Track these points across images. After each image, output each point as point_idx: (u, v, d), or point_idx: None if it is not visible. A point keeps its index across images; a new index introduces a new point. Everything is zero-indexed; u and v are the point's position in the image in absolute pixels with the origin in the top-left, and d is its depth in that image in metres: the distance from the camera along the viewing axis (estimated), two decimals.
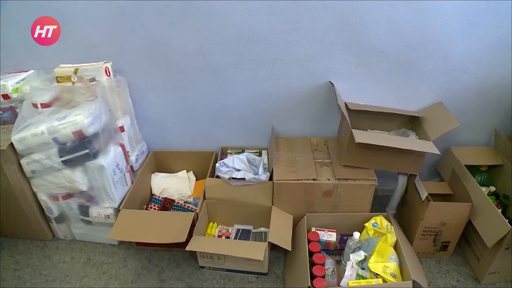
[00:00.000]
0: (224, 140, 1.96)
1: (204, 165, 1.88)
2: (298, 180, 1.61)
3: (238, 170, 1.70)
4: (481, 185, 1.71)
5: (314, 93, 1.77)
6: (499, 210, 1.56)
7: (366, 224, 1.65)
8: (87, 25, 1.62)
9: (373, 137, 1.60)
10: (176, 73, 1.74)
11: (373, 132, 1.79)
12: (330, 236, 1.65)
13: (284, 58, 1.67)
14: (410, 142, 1.63)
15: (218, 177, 1.68)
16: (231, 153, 1.87)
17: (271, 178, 1.65)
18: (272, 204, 1.69)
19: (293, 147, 1.82)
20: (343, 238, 1.69)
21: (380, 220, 1.64)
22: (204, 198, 1.73)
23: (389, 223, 1.63)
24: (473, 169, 1.79)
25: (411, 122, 1.81)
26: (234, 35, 1.61)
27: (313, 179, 1.61)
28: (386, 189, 1.89)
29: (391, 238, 1.57)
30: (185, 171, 2.05)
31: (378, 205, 1.90)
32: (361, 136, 1.48)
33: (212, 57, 1.68)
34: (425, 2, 1.50)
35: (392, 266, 1.48)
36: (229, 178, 1.63)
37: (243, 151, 1.88)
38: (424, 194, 1.59)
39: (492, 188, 1.80)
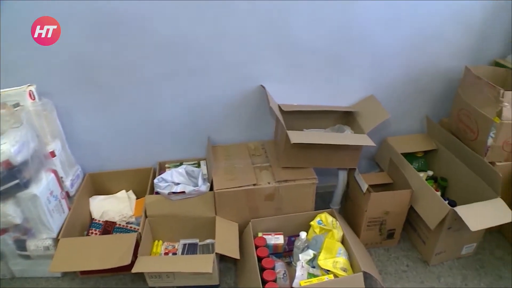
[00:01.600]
0: (161, 154, 1.90)
1: (143, 183, 1.82)
2: (239, 187, 1.60)
3: (178, 183, 1.67)
4: (419, 171, 1.78)
5: (247, 98, 1.77)
6: (439, 193, 1.63)
7: (312, 223, 1.66)
8: (4, 47, 1.52)
9: (308, 136, 1.62)
10: (105, 91, 1.67)
11: (308, 131, 1.81)
12: (277, 239, 1.65)
13: (214, 65, 1.65)
14: (345, 137, 1.66)
15: (158, 193, 1.64)
16: (169, 167, 1.82)
17: (211, 188, 1.63)
18: (216, 214, 1.66)
19: (231, 155, 1.80)
20: (291, 239, 1.69)
21: (325, 217, 1.65)
22: (146, 216, 1.68)
23: (334, 219, 1.65)
24: (410, 157, 1.86)
25: (346, 118, 1.84)
26: (159, 46, 1.57)
27: (254, 184, 1.61)
28: (328, 185, 1.91)
29: (337, 233, 1.59)
30: (124, 191, 1.97)
31: (322, 202, 1.91)
32: (296, 137, 1.49)
33: (139, 71, 1.63)
34: (350, 1, 1.55)
35: (341, 260, 1.49)
36: (168, 193, 1.59)
37: (181, 164, 1.83)
38: (364, 187, 1.63)
39: (430, 173, 1.88)
